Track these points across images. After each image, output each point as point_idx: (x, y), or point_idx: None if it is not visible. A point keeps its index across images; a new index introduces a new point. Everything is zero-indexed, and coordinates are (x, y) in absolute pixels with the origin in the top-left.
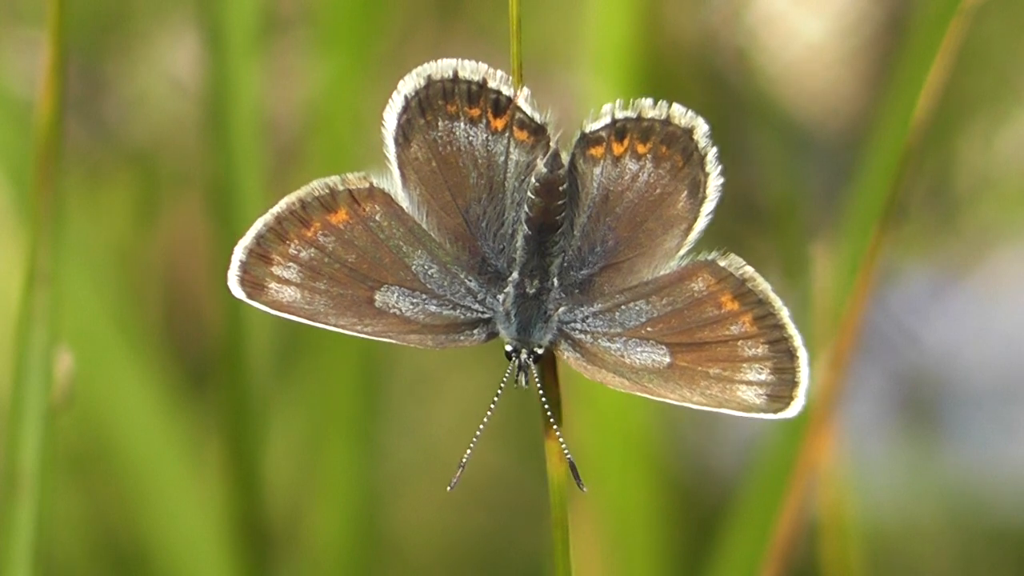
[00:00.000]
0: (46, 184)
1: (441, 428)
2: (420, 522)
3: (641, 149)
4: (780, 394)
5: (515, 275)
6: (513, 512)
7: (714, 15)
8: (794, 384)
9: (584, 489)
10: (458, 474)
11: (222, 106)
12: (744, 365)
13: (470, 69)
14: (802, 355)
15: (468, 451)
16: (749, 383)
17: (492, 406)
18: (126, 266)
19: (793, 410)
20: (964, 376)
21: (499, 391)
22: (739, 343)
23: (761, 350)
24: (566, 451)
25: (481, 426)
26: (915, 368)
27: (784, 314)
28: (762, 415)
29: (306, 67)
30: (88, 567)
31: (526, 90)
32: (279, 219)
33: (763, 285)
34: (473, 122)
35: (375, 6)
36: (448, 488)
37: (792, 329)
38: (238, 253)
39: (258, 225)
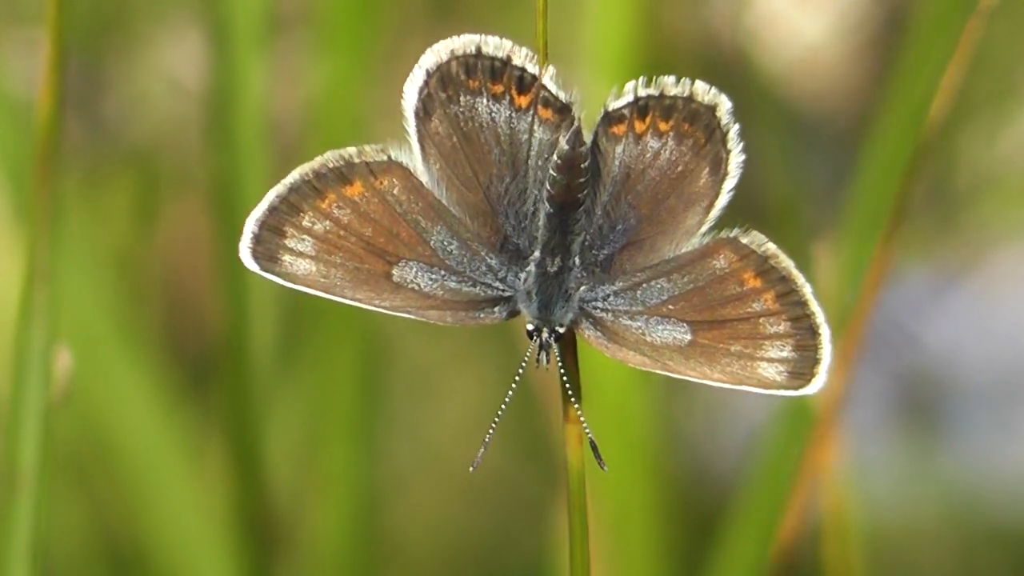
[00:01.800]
0: (45, 182)
1: (441, 427)
2: (420, 521)
3: (663, 127)
4: (802, 371)
5: (536, 253)
6: (513, 511)
7: (715, 14)
8: (816, 361)
9: (605, 468)
10: (480, 453)
11: (225, 105)
12: (766, 342)
13: (494, 45)
14: (824, 332)
15: (490, 431)
16: (770, 360)
17: (514, 384)
18: (127, 266)
19: (815, 387)
20: (965, 376)
21: (520, 370)
22: (761, 320)
23: (783, 327)
24: (587, 430)
25: (503, 407)
26: (916, 368)
27: (807, 291)
28: (783, 392)
29: (306, 67)
30: (88, 567)
31: (551, 68)
32: (292, 190)
33: (786, 262)
34: (496, 98)
35: (374, 5)
36: (471, 468)
37: (815, 306)
38: (249, 225)
39: (270, 196)
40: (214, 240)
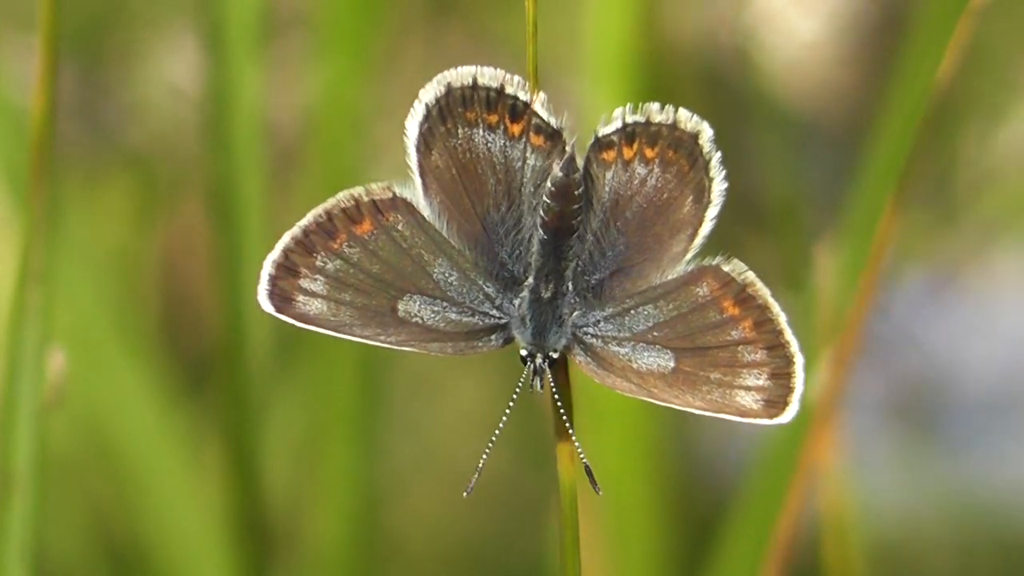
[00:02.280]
0: (40, 182)
1: (442, 428)
2: (420, 522)
3: (649, 153)
4: (776, 399)
5: (531, 280)
6: (513, 512)
7: (712, 14)
8: (789, 390)
9: (600, 492)
10: (474, 479)
11: (222, 109)
12: (743, 370)
13: (489, 75)
14: (798, 361)
15: (484, 456)
16: (747, 388)
17: (508, 411)
18: (126, 269)
19: (788, 416)
20: (964, 379)
21: (514, 395)
22: (739, 348)
23: (760, 355)
24: (581, 454)
25: (497, 431)
26: (915, 371)
27: (782, 320)
28: (759, 420)
29: (304, 70)
30: (86, 567)
31: (542, 95)
32: (306, 231)
33: (763, 290)
34: (491, 128)
35: (373, 6)
36: (464, 494)
37: (789, 335)
38: (266, 267)
39: (285, 239)
40: (212, 242)
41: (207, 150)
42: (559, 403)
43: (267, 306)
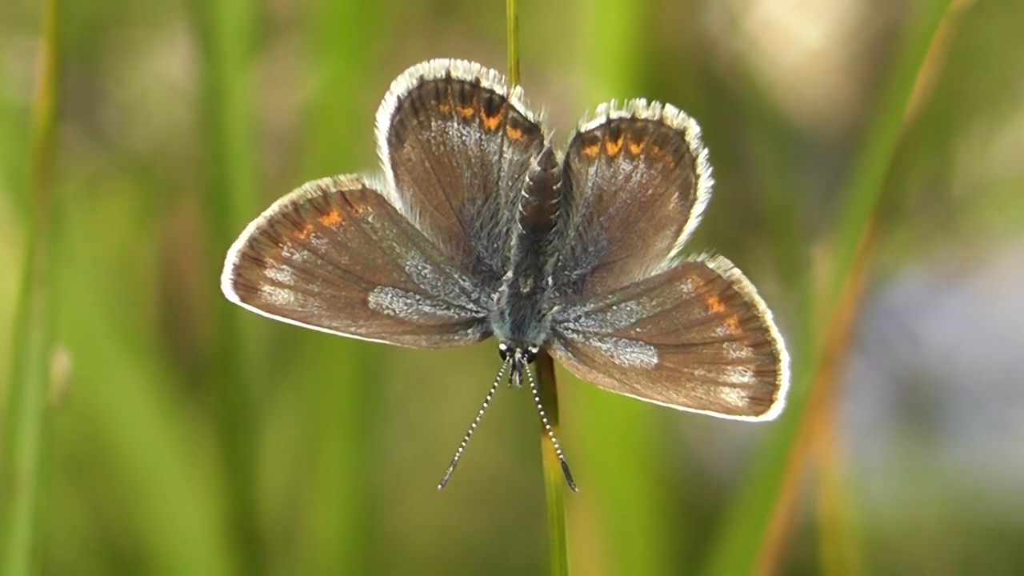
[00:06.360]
0: (43, 184)
1: (441, 428)
2: (420, 522)
3: (635, 149)
4: (762, 397)
5: (509, 274)
6: (513, 512)
7: (713, 20)
8: (775, 387)
9: (576, 489)
10: (449, 472)
11: (216, 111)
12: (728, 367)
13: (463, 69)
14: (784, 358)
15: (460, 449)
16: (732, 385)
17: (484, 405)
18: (124, 270)
19: (773, 413)
20: (962, 376)
21: (492, 391)
22: (724, 345)
23: (745, 352)
24: (559, 451)
25: (474, 425)
26: (914, 369)
27: (768, 317)
28: (743, 417)
29: (302, 71)
30: (86, 567)
31: (519, 89)
32: (271, 222)
33: (749, 288)
34: (466, 122)
35: (370, 8)
36: (439, 487)
37: (775, 332)
38: (231, 257)
39: (250, 228)
40: (208, 244)
41: (202, 152)
42: (539, 400)
43: (231, 295)
